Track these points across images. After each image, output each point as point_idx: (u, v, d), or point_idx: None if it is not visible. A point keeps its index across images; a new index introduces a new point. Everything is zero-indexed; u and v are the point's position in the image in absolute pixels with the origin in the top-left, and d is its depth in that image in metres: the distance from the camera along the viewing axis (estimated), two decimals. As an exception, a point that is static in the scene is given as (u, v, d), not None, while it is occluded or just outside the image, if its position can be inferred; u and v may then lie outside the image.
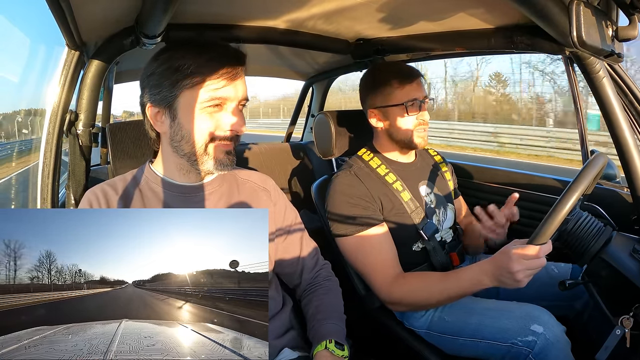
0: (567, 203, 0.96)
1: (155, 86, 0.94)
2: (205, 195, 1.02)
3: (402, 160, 1.48)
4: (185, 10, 1.11)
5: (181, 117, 0.93)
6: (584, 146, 1.59)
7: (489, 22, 1.20)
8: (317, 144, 1.65)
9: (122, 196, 0.99)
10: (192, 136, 0.93)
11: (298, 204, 1.26)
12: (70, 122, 1.14)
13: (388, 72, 1.41)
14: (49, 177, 1.10)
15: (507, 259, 1.02)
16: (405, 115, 1.37)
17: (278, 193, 1.15)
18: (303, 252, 1.15)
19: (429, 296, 1.23)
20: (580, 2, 0.79)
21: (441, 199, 1.49)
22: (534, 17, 0.91)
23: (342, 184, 1.38)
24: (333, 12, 1.25)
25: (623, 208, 1.34)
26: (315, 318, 1.06)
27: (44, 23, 0.98)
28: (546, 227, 0.98)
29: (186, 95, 0.92)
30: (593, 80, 1.10)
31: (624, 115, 1.14)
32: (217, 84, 0.91)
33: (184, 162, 0.98)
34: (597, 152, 1.11)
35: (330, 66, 2.26)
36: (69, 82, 1.09)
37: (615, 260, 1.04)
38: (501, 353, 1.15)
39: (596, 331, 1.20)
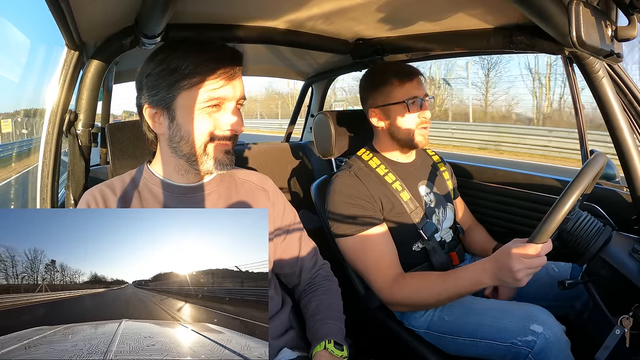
0: (568, 202, 0.96)
1: (152, 87, 0.93)
2: (203, 196, 1.02)
3: (402, 161, 1.48)
4: (184, 10, 1.11)
5: (180, 117, 0.93)
6: (584, 146, 1.59)
7: (488, 22, 1.20)
8: (317, 144, 1.65)
9: (120, 197, 0.98)
10: (191, 137, 0.93)
11: (297, 204, 1.26)
12: (70, 122, 1.14)
13: (388, 71, 1.42)
14: (48, 177, 1.10)
15: (508, 258, 1.03)
16: (406, 114, 1.37)
17: (277, 193, 1.15)
18: (302, 253, 1.15)
19: (429, 296, 1.23)
20: (579, 2, 0.79)
21: (440, 198, 1.49)
22: (534, 17, 0.91)
23: (342, 184, 1.38)
24: (332, 12, 1.25)
25: (622, 208, 1.34)
26: (314, 318, 1.06)
27: (44, 23, 0.98)
28: (547, 226, 0.98)
29: (185, 96, 0.91)
30: (592, 80, 1.10)
31: (624, 115, 1.14)
32: (215, 84, 0.91)
33: (182, 162, 0.98)
34: (597, 152, 1.11)
35: (329, 66, 2.26)
36: (68, 82, 1.09)
37: (614, 260, 1.04)
38: (501, 353, 1.15)
39: (596, 331, 1.20)
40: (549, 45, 1.08)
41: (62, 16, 0.89)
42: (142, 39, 1.11)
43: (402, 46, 1.52)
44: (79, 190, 1.18)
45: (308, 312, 1.09)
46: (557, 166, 9.96)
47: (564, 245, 1.11)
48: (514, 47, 1.18)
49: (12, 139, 7.71)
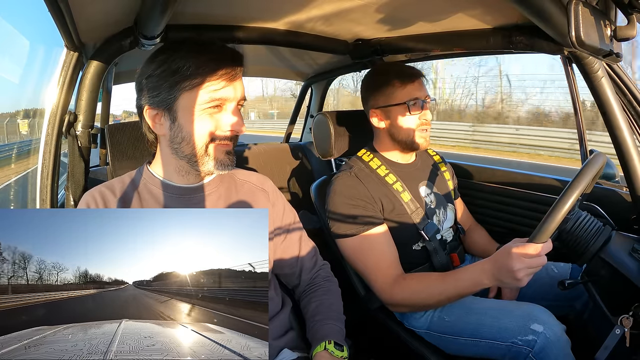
0: (567, 201, 0.96)
1: (153, 88, 0.93)
2: (203, 197, 1.02)
3: (402, 161, 1.48)
4: (184, 11, 1.11)
5: (181, 118, 0.93)
6: (583, 146, 1.59)
7: (487, 23, 1.20)
8: (316, 144, 1.65)
9: (120, 198, 0.98)
10: (192, 137, 0.93)
11: (297, 204, 1.26)
12: (69, 123, 1.14)
13: (390, 72, 1.42)
14: (48, 179, 1.10)
15: (508, 258, 1.02)
16: (407, 115, 1.37)
17: (276, 194, 1.15)
18: (302, 253, 1.15)
19: (429, 297, 1.23)
20: (578, 2, 0.79)
21: (441, 199, 1.49)
22: (533, 17, 0.92)
23: (342, 185, 1.38)
24: (332, 13, 1.25)
25: (622, 207, 1.34)
26: (314, 319, 1.06)
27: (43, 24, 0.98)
28: (546, 226, 0.98)
29: (186, 97, 0.91)
30: (592, 80, 1.10)
31: (623, 115, 1.14)
32: (216, 85, 0.91)
33: (183, 163, 0.98)
34: (596, 152, 1.11)
35: (329, 67, 2.26)
36: (67, 83, 1.09)
37: (614, 259, 1.04)
38: (501, 352, 1.15)
39: (596, 331, 1.20)
40: (548, 45, 1.09)
41: (62, 17, 0.89)
42: (141, 40, 1.11)
43: (401, 47, 1.52)
44: (78, 191, 1.18)
45: (308, 313, 1.09)
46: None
47: (564, 245, 1.11)
48: (513, 47, 1.18)
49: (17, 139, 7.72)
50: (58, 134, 1.10)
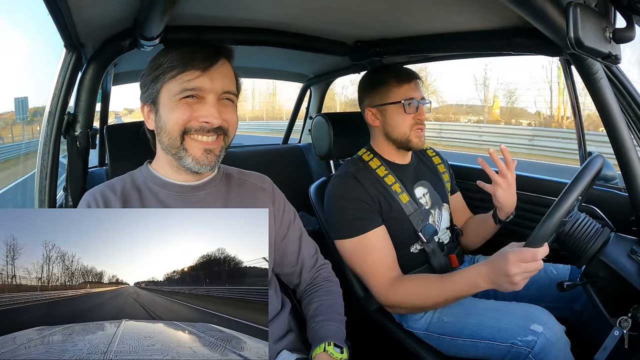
0: (564, 205, 0.96)
1: (143, 85, 0.98)
2: (203, 195, 1.02)
3: (398, 161, 1.48)
4: (183, 12, 1.11)
5: (161, 109, 0.95)
6: (582, 147, 1.59)
7: (486, 25, 1.21)
8: (315, 145, 1.65)
9: (121, 197, 0.98)
10: (167, 126, 0.94)
11: (296, 205, 1.26)
12: (68, 123, 1.14)
13: (386, 72, 1.43)
14: (46, 179, 1.09)
15: (504, 262, 1.03)
16: (402, 114, 1.38)
17: (276, 192, 1.15)
18: (302, 251, 1.15)
19: (426, 299, 1.23)
20: (577, 4, 0.79)
21: (436, 199, 1.49)
22: (532, 20, 0.92)
23: (341, 186, 1.38)
24: (331, 14, 1.25)
25: (621, 209, 1.34)
26: (315, 319, 1.06)
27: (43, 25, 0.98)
28: (543, 230, 0.98)
29: (165, 89, 0.94)
30: (591, 82, 1.10)
31: (622, 116, 1.14)
32: (190, 75, 0.93)
33: (172, 158, 0.99)
34: (595, 154, 1.11)
35: (328, 68, 2.27)
36: (66, 83, 1.09)
37: (613, 261, 1.04)
38: (501, 353, 1.15)
39: (595, 332, 1.20)
40: (547, 47, 1.09)
41: (61, 18, 0.89)
42: (140, 41, 1.11)
43: (400, 48, 1.53)
44: (77, 192, 1.18)
45: (309, 313, 1.09)
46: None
47: (563, 247, 1.11)
48: (512, 49, 1.19)
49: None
50: (57, 135, 1.10)
